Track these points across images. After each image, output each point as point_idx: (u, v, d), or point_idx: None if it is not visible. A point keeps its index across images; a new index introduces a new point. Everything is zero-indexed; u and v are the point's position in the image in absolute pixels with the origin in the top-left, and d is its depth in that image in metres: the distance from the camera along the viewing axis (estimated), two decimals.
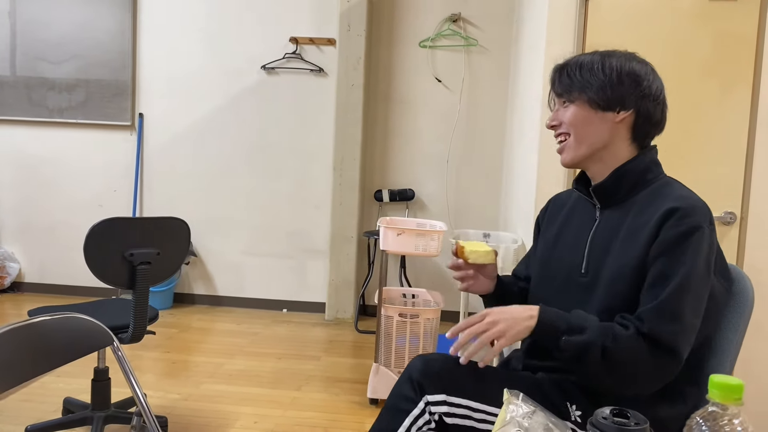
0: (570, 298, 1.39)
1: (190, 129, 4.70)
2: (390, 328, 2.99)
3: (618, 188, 1.39)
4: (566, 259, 1.45)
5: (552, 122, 1.44)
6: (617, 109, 1.36)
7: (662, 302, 1.24)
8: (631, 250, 1.30)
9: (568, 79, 1.40)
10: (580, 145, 1.39)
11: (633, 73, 1.36)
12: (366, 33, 4.34)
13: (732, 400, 0.72)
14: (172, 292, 4.67)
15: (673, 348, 1.23)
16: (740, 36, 2.55)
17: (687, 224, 1.25)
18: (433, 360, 1.38)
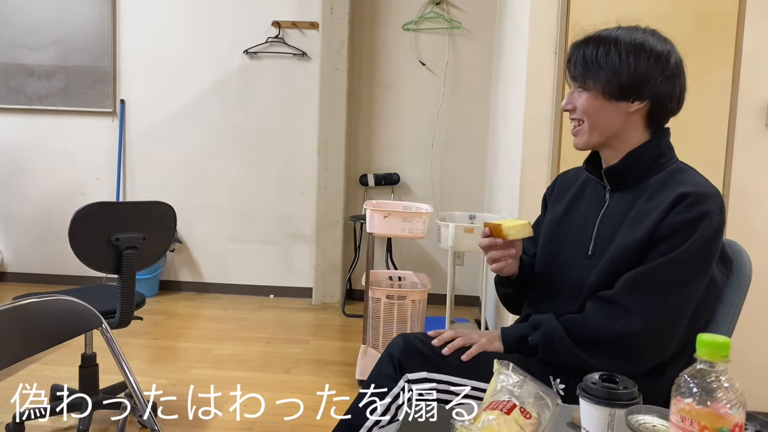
0: (573, 279, 1.39)
1: (172, 115, 4.65)
2: (377, 310, 3.00)
3: (630, 172, 1.36)
4: (573, 239, 1.43)
5: (566, 106, 1.39)
6: (631, 99, 1.32)
7: (637, 273, 1.26)
8: (636, 232, 1.29)
9: (583, 63, 1.34)
10: (593, 132, 1.36)
11: (654, 53, 1.31)
12: (349, 16, 4.32)
13: (719, 358, 0.74)
14: (157, 280, 4.64)
15: (637, 312, 1.24)
16: (722, 15, 2.57)
17: (696, 211, 1.24)
18: (414, 338, 1.38)
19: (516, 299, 1.57)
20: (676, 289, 1.26)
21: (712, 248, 1.27)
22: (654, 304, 1.25)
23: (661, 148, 1.37)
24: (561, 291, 1.41)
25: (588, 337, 1.29)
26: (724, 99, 2.60)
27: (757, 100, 2.56)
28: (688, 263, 1.25)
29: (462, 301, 4.31)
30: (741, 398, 0.73)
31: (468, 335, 1.38)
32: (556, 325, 1.31)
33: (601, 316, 1.28)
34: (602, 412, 0.92)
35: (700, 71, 2.61)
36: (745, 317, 2.66)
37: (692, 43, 2.60)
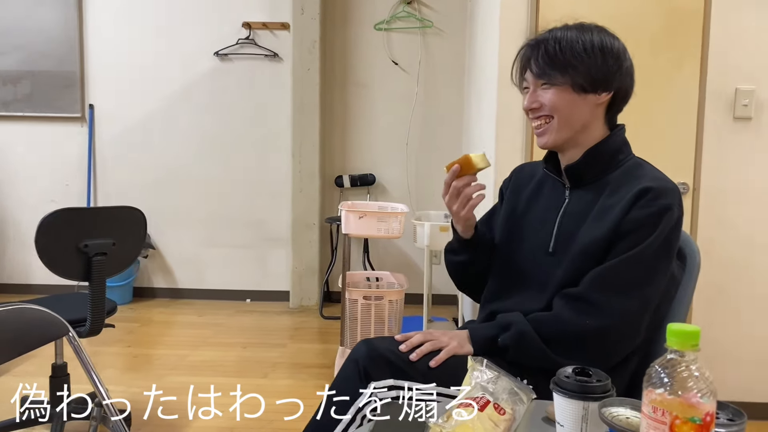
0: (535, 275, 1.39)
1: (143, 119, 4.59)
2: (355, 311, 2.98)
3: (590, 169, 1.36)
4: (533, 236, 1.42)
5: (532, 104, 1.35)
6: (599, 91, 1.32)
7: (603, 269, 1.26)
8: (599, 228, 1.29)
9: (547, 59, 1.32)
10: (563, 128, 1.34)
11: (614, 51, 1.33)
12: (320, 16, 4.29)
13: (689, 347, 0.73)
14: (131, 287, 4.57)
15: (606, 309, 1.24)
16: (688, 11, 2.60)
17: (658, 205, 1.25)
18: (379, 343, 1.32)
19: (467, 270, 1.51)
20: (643, 283, 1.26)
21: (673, 241, 1.29)
22: (622, 300, 1.25)
23: (619, 144, 1.38)
24: (523, 287, 1.40)
25: (558, 336, 1.27)
26: (693, 93, 2.64)
27: (725, 94, 2.59)
28: (653, 257, 1.26)
29: (439, 300, 4.31)
30: (711, 387, 0.73)
31: (437, 338, 1.32)
32: (526, 325, 1.28)
33: (570, 314, 1.27)
34: (576, 406, 0.91)
35: (669, 67, 2.63)
36: (718, 306, 2.71)
37: (660, 39, 2.62)
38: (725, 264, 2.65)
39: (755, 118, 2.59)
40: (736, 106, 2.59)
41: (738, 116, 2.59)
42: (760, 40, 2.56)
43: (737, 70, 2.58)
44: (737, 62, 2.58)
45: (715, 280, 2.65)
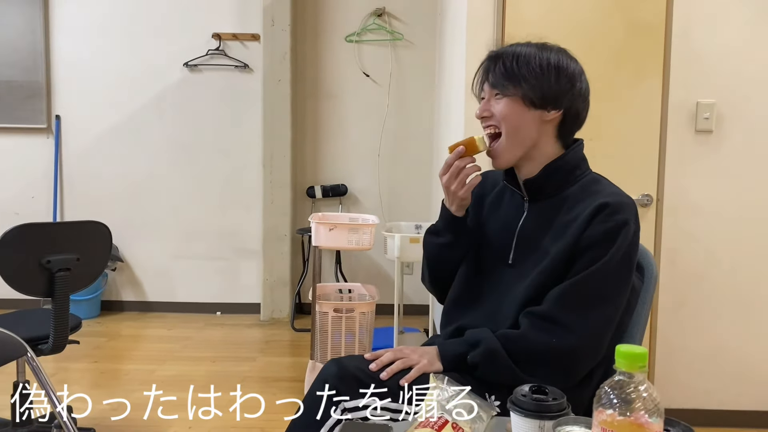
0: (497, 285, 1.41)
1: (111, 130, 4.53)
2: (325, 324, 2.97)
3: (549, 183, 1.38)
4: (493, 246, 1.44)
5: (483, 113, 1.39)
6: (548, 108, 1.35)
7: (567, 286, 1.28)
8: (559, 245, 1.31)
9: (503, 70, 1.35)
10: (512, 145, 1.36)
11: (569, 72, 1.36)
12: (291, 28, 4.29)
13: (637, 368, 0.75)
14: (98, 300, 4.50)
15: (572, 327, 1.26)
16: (649, 25, 2.66)
17: (615, 220, 1.27)
18: (349, 362, 1.32)
19: (446, 254, 1.49)
20: (606, 299, 1.29)
21: (632, 255, 1.31)
22: (586, 317, 1.27)
23: (577, 160, 1.40)
24: (486, 299, 1.42)
25: (526, 354, 1.28)
26: (656, 106, 2.69)
27: (686, 108, 2.65)
28: (614, 272, 1.28)
29: (411, 310, 4.31)
30: (659, 406, 0.74)
31: (408, 356, 1.32)
32: (495, 343, 1.29)
33: (537, 334, 1.28)
34: (532, 425, 0.92)
35: (632, 80, 2.68)
36: (680, 317, 2.75)
37: (623, 53, 2.67)
38: (688, 275, 2.70)
39: (716, 131, 2.65)
40: (698, 119, 2.64)
41: (699, 129, 2.65)
42: (720, 54, 2.63)
43: (698, 84, 2.64)
44: (698, 76, 2.64)
45: (678, 291, 2.70)
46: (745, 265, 2.69)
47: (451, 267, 1.50)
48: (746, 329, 2.70)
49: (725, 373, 2.72)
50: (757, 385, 2.72)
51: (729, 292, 2.70)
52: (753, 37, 2.62)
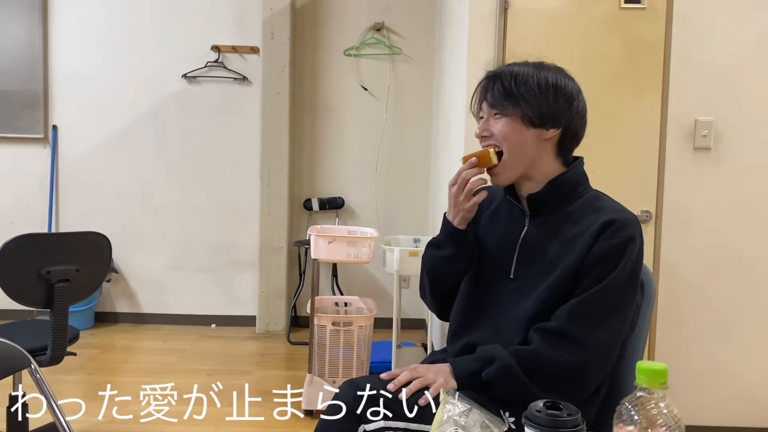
0: (501, 300, 1.41)
1: (108, 141, 4.52)
2: (323, 338, 2.96)
3: (552, 199, 1.40)
4: (494, 260, 1.45)
5: (483, 132, 1.41)
6: (547, 127, 1.37)
7: (578, 303, 1.29)
8: (566, 259, 1.32)
9: (502, 90, 1.37)
10: (514, 164, 1.38)
11: (567, 91, 1.38)
12: (290, 41, 4.31)
13: (658, 385, 0.75)
14: (93, 312, 4.46)
15: (584, 343, 1.27)
16: (649, 43, 2.69)
17: (621, 236, 1.29)
18: (363, 383, 1.30)
19: (448, 267, 1.49)
20: (615, 314, 1.30)
21: (638, 270, 1.34)
22: (597, 332, 1.28)
23: (579, 176, 1.42)
24: (489, 312, 1.42)
25: (540, 371, 1.29)
26: (655, 124, 2.71)
27: (685, 125, 2.68)
28: (622, 287, 1.30)
29: (408, 325, 4.30)
30: (679, 423, 0.75)
31: (424, 375, 1.32)
32: (509, 359, 1.29)
33: (550, 351, 1.29)
34: None
35: (631, 97, 2.71)
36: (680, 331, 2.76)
37: (622, 70, 2.70)
38: (687, 290, 2.71)
39: (714, 149, 2.68)
40: (696, 137, 2.67)
41: (698, 146, 2.68)
42: (717, 72, 2.66)
43: (696, 102, 2.67)
44: (696, 94, 2.67)
45: (677, 306, 2.71)
46: (743, 281, 2.70)
47: (453, 280, 1.51)
48: (743, 346, 2.72)
49: (722, 390, 2.73)
50: (753, 402, 2.73)
51: (727, 308, 2.71)
52: (751, 56, 2.66)
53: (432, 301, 1.58)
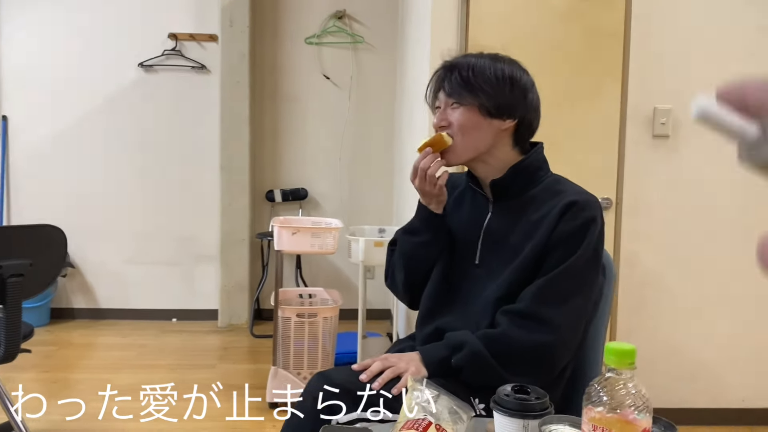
0: (467, 285, 1.43)
1: (62, 132, 4.38)
2: (287, 330, 2.93)
3: (515, 184, 1.41)
4: (459, 247, 1.47)
5: (441, 122, 1.41)
6: (504, 117, 1.38)
7: (543, 284, 1.31)
8: (530, 243, 1.34)
9: (460, 81, 1.38)
10: (464, 149, 1.40)
11: (522, 83, 1.40)
12: (249, 29, 4.23)
13: (626, 365, 0.75)
14: (48, 308, 4.33)
15: (550, 322, 1.29)
16: (608, 32, 2.72)
17: (583, 217, 1.32)
18: (335, 374, 1.30)
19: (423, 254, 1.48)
20: (579, 293, 1.33)
21: (600, 250, 1.37)
22: (562, 311, 1.30)
23: (540, 161, 1.45)
24: (456, 298, 1.44)
25: (508, 353, 1.30)
26: (615, 112, 2.75)
27: (644, 113, 2.72)
28: (584, 267, 1.33)
29: (373, 315, 4.29)
30: (647, 403, 0.75)
31: (395, 364, 1.31)
32: (478, 344, 1.30)
33: (517, 332, 1.30)
34: (516, 424, 0.92)
35: (591, 86, 2.74)
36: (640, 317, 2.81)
37: (583, 58, 2.72)
38: (647, 276, 2.76)
39: (672, 136, 2.72)
40: (655, 125, 2.71)
41: (657, 134, 2.72)
42: (676, 61, 2.70)
43: (655, 90, 2.71)
44: (655, 82, 2.71)
45: (637, 292, 2.76)
46: (701, 266, 2.77)
47: (428, 266, 1.51)
48: (702, 329, 2.78)
49: (683, 373, 2.79)
50: (712, 383, 2.81)
51: (686, 292, 2.77)
52: (708, 43, 2.71)
53: (404, 289, 1.56)
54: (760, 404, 2.81)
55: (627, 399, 0.75)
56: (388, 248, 1.61)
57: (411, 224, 1.51)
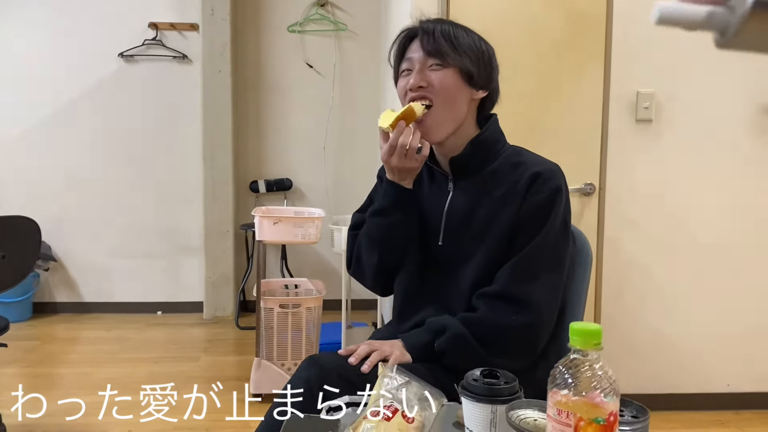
0: (436, 268, 1.38)
1: (42, 123, 4.31)
2: (270, 321, 2.89)
3: (474, 159, 1.36)
4: (424, 230, 1.40)
5: (420, 82, 1.29)
6: (478, 87, 1.33)
7: (516, 263, 1.28)
8: (497, 221, 1.30)
9: (444, 41, 1.29)
10: (446, 119, 1.31)
11: (493, 55, 1.37)
12: (231, 17, 4.17)
13: (592, 346, 0.72)
14: (30, 302, 4.27)
15: (528, 302, 1.26)
16: (591, 15, 2.68)
17: (549, 188, 1.28)
18: (326, 359, 1.26)
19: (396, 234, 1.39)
20: (553, 267, 1.30)
21: (568, 219, 1.33)
22: (539, 288, 1.27)
23: (497, 133, 1.40)
24: (429, 286, 1.40)
25: (490, 335, 1.27)
26: (597, 96, 2.72)
27: (627, 97, 2.69)
28: (555, 238, 1.29)
29: (358, 305, 4.26)
30: (614, 386, 0.72)
31: (380, 348, 1.28)
32: (460, 328, 1.27)
33: (496, 314, 1.27)
34: (484, 410, 0.89)
35: (574, 70, 2.71)
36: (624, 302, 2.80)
37: (565, 41, 2.69)
38: (629, 261, 2.74)
39: (655, 120, 2.70)
40: (638, 109, 2.68)
41: (640, 118, 2.69)
42: (658, 45, 2.67)
43: (638, 74, 2.68)
44: (638, 66, 2.68)
45: (620, 277, 2.74)
46: (685, 251, 2.75)
47: (404, 248, 1.41)
48: (687, 315, 2.77)
49: (668, 358, 2.78)
50: (697, 368, 2.80)
51: (670, 278, 2.76)
52: None
53: (376, 275, 1.46)
54: (746, 388, 2.80)
55: (593, 381, 0.72)
56: (348, 233, 1.54)
57: (378, 206, 1.41)
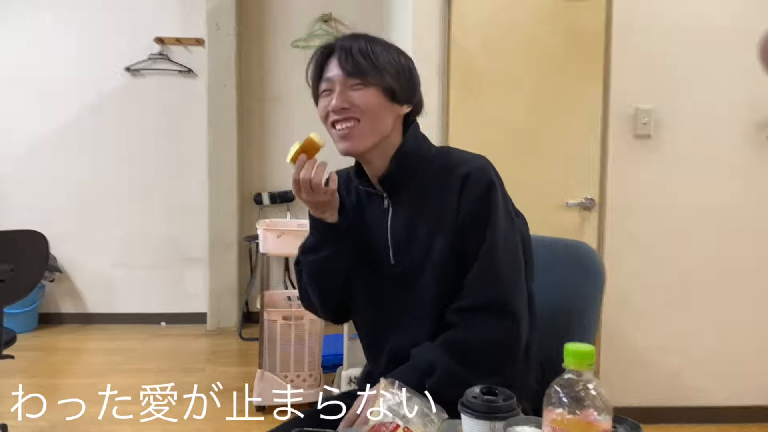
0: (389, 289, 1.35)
1: (49, 136, 4.36)
2: (274, 333, 2.93)
3: (402, 173, 1.33)
4: (371, 249, 1.37)
5: (343, 104, 1.26)
6: (403, 102, 1.31)
7: (478, 271, 1.26)
8: (440, 235, 1.28)
9: (363, 59, 1.26)
10: (370, 133, 1.29)
11: (414, 69, 1.34)
12: (236, 32, 4.23)
13: (585, 366, 0.75)
14: (36, 313, 4.31)
15: (502, 304, 1.25)
16: (590, 31, 2.73)
17: (481, 186, 1.26)
18: None
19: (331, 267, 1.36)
20: (511, 263, 1.28)
21: (509, 207, 1.31)
22: (507, 290, 1.26)
23: (419, 140, 1.36)
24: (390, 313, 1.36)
25: (477, 356, 1.25)
26: (597, 112, 2.75)
27: (626, 112, 2.73)
28: (504, 234, 1.27)
29: None
30: (608, 404, 0.75)
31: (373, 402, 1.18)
32: (448, 362, 1.23)
33: (478, 328, 1.25)
34: (483, 426, 0.92)
35: (573, 85, 2.75)
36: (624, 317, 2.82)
37: (564, 57, 2.73)
38: (629, 275, 2.77)
39: (654, 136, 2.73)
40: (637, 124, 2.72)
41: (638, 134, 2.73)
42: (657, 60, 2.71)
43: (637, 90, 2.72)
44: (637, 82, 2.72)
45: (621, 291, 2.76)
46: (684, 265, 2.78)
47: (341, 279, 1.39)
48: (687, 328, 2.79)
49: (668, 371, 2.80)
50: (697, 381, 2.82)
51: (670, 291, 2.78)
52: (690, 44, 2.72)
53: (324, 308, 1.45)
54: (746, 402, 2.82)
55: (587, 400, 0.75)
56: (295, 268, 1.48)
57: (307, 242, 1.38)
